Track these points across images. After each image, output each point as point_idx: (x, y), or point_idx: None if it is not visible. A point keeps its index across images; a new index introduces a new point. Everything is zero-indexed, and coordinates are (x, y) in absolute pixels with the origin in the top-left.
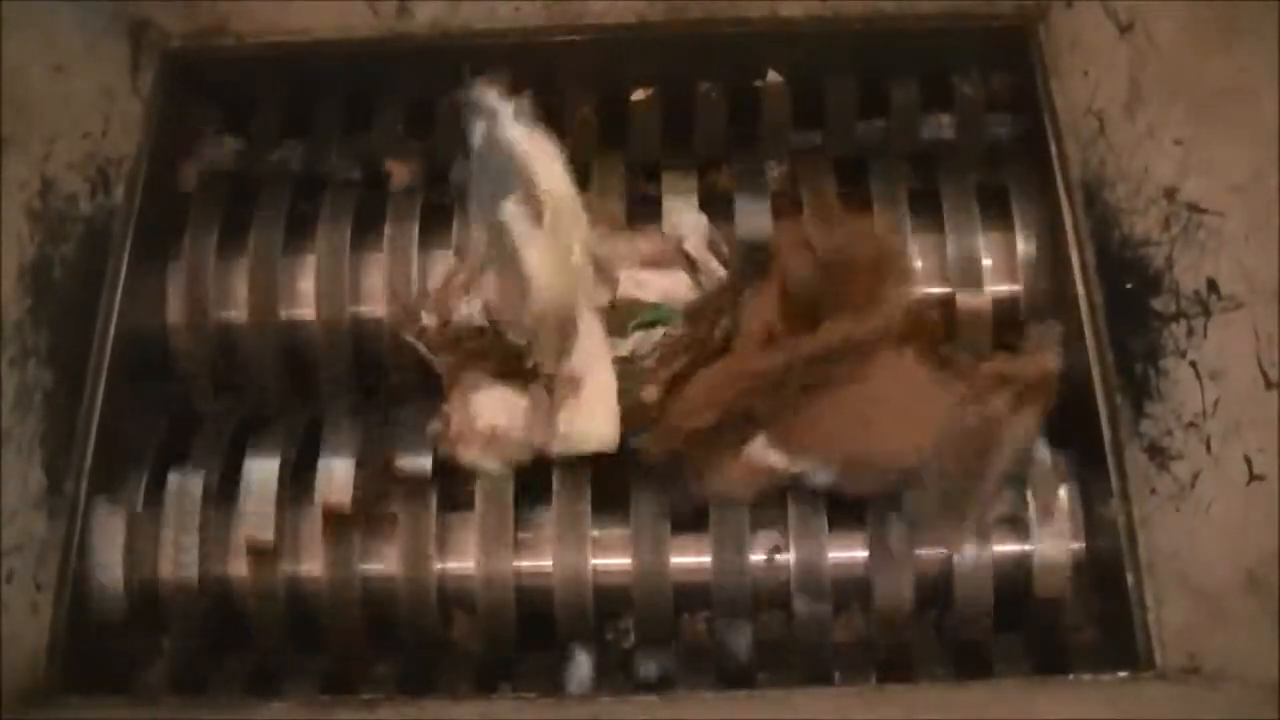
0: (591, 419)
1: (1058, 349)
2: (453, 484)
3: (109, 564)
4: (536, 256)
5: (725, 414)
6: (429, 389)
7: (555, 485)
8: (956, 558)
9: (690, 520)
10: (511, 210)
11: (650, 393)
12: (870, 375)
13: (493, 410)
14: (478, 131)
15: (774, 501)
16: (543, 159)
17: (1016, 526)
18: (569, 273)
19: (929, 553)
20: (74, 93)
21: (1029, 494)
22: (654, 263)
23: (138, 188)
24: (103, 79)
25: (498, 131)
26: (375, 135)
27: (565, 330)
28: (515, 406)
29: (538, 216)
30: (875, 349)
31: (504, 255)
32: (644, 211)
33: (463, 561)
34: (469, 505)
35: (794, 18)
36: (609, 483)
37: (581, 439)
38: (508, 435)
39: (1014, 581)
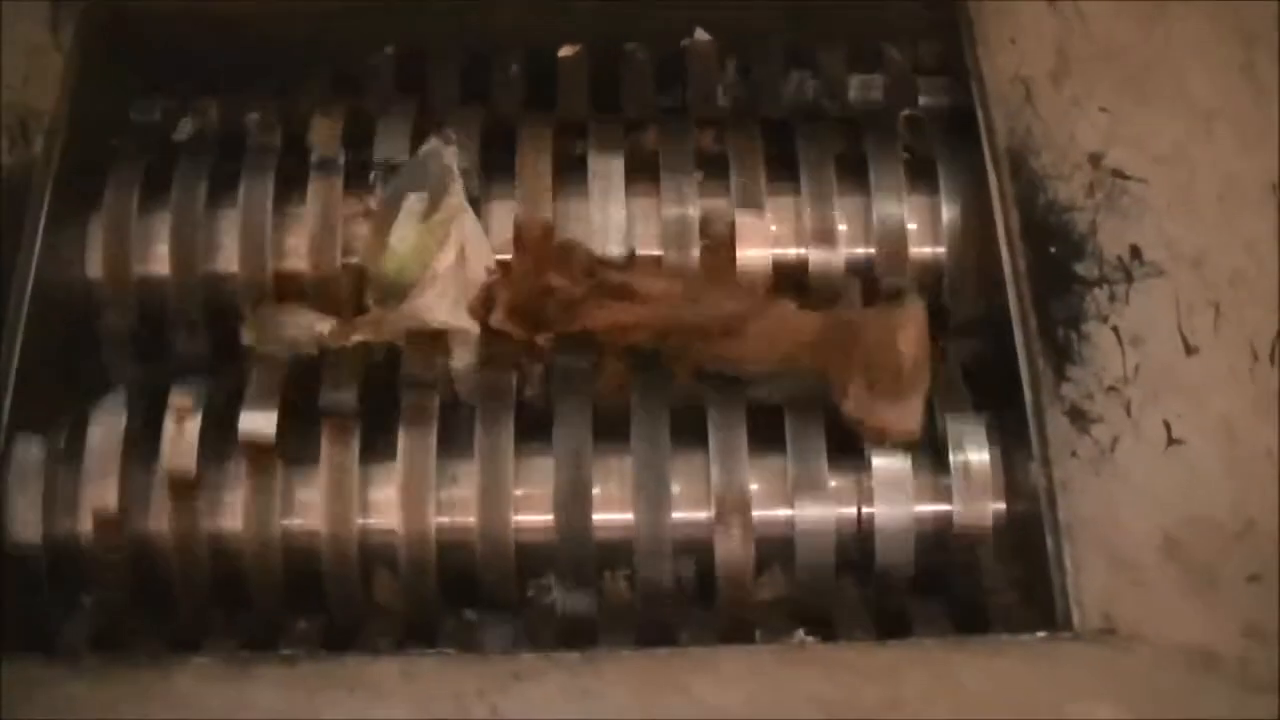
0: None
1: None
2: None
3: (27, 520)
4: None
5: None
6: None
7: (478, 434)
8: (877, 518)
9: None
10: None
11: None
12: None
13: None
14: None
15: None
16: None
17: (937, 488)
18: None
19: (848, 511)
20: None
21: (950, 456)
22: None
23: (58, 142)
24: (22, 31)
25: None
26: (298, 93)
27: None
28: None
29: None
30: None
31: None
32: (572, 175)
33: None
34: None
35: None
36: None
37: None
38: None
39: (934, 543)
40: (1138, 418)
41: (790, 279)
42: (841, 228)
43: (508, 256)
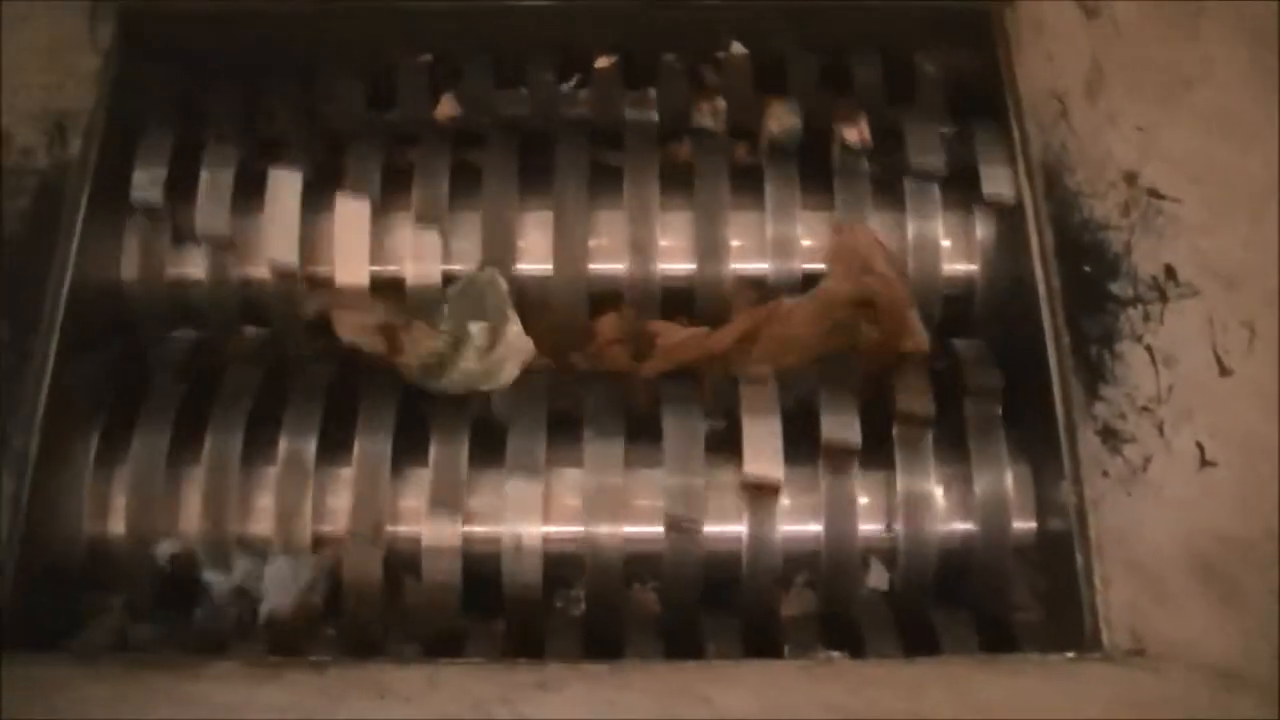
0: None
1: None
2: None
3: (60, 521)
4: None
5: None
6: None
7: (509, 447)
8: (904, 534)
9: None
10: None
11: None
12: None
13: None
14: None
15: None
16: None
17: (967, 502)
18: None
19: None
20: (31, 45)
21: (978, 472)
22: None
23: (94, 142)
24: (61, 32)
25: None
26: (332, 102)
27: None
28: None
29: None
30: None
31: None
32: (606, 186)
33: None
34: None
35: None
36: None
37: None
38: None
39: (962, 559)
40: (1170, 438)
41: None
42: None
43: None
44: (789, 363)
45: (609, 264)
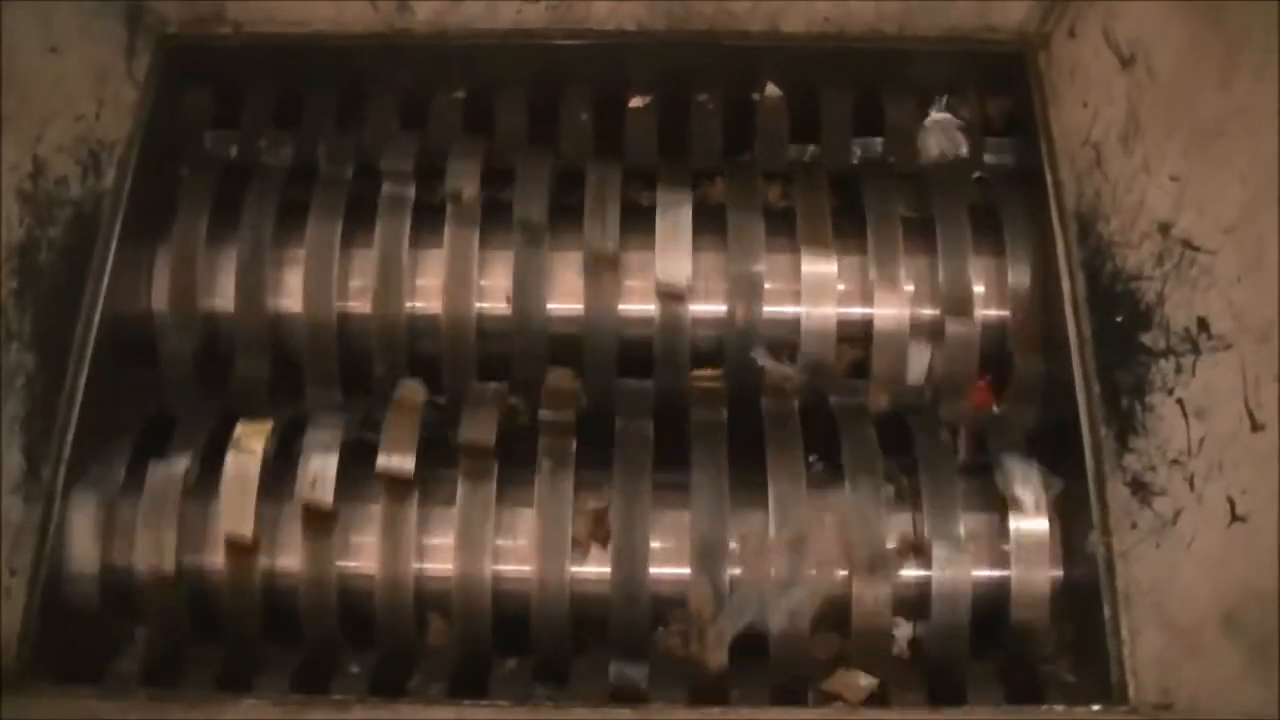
0: None
1: None
2: (435, 484)
3: (85, 551)
4: None
5: None
6: None
7: (537, 489)
8: (935, 578)
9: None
10: None
11: None
12: None
13: None
14: None
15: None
16: None
17: (995, 552)
18: None
19: (909, 573)
20: (68, 75)
21: (1009, 521)
22: None
23: (128, 173)
24: (97, 62)
25: None
26: (368, 130)
27: None
28: None
29: None
30: None
31: None
32: (638, 222)
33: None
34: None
35: (795, 33)
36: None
37: None
38: None
39: (991, 606)
40: (1201, 492)
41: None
42: (908, 288)
43: None
44: None
45: (640, 305)
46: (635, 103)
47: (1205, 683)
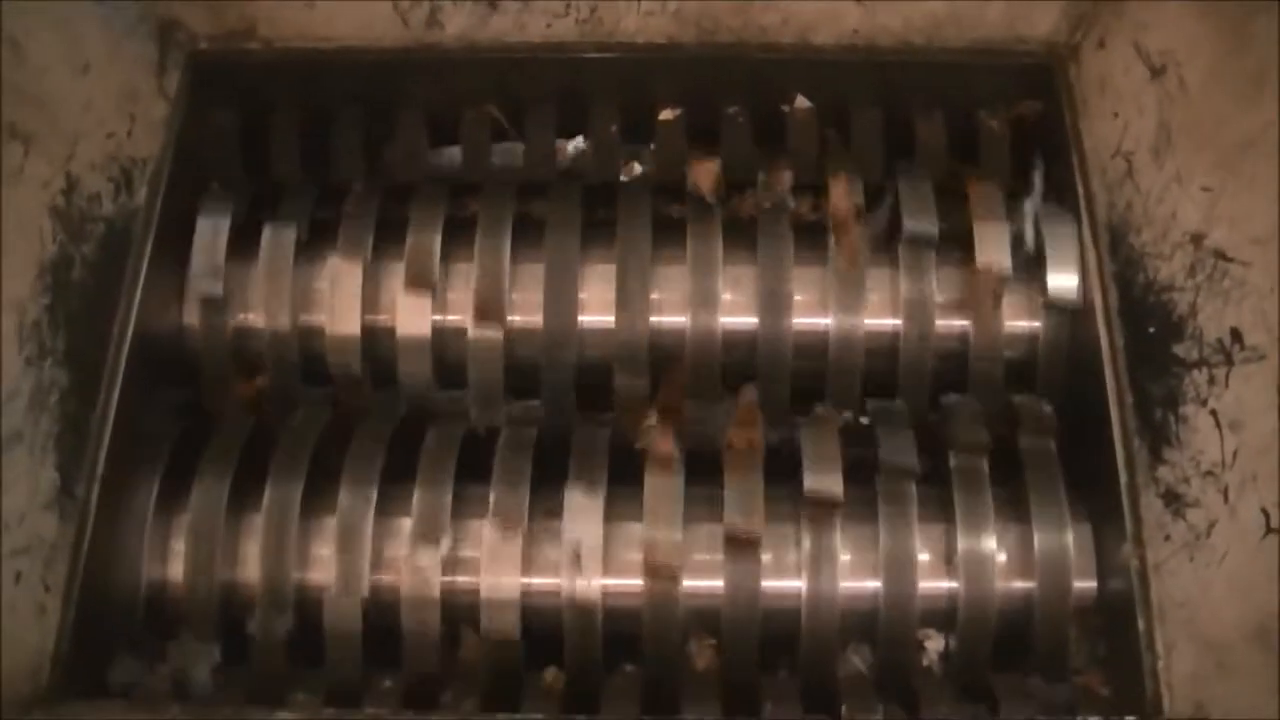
0: None
1: None
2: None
3: (119, 569)
4: None
5: None
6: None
7: (567, 503)
8: (963, 594)
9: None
10: None
11: None
12: None
13: None
14: None
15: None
16: None
17: (1026, 564)
18: None
19: (939, 584)
20: (99, 92)
21: (1038, 533)
22: None
23: (160, 189)
24: (128, 79)
25: None
26: (397, 146)
27: None
28: None
29: None
30: None
31: None
32: (669, 236)
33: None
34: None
35: (824, 45)
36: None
37: None
38: None
39: (1022, 618)
40: (1235, 504)
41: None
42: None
43: None
44: None
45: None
46: (665, 115)
47: (1241, 697)
